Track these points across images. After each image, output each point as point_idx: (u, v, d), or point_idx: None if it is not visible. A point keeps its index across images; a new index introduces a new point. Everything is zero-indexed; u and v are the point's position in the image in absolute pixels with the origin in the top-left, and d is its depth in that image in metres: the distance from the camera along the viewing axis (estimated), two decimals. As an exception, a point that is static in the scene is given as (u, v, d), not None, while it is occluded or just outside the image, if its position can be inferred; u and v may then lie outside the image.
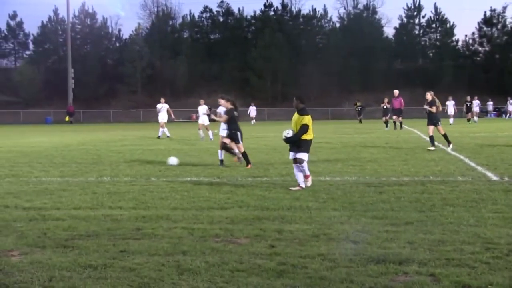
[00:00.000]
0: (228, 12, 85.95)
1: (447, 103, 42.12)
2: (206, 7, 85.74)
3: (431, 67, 77.76)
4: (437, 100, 18.25)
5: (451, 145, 17.75)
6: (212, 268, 5.55)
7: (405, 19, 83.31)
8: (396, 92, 33.00)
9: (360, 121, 48.56)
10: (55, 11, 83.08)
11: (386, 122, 34.67)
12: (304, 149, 10.47)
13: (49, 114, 67.60)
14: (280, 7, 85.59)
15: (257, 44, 76.82)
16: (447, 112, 42.26)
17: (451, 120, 40.47)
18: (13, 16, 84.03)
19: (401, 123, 32.82)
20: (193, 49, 79.66)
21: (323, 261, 5.75)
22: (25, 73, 73.92)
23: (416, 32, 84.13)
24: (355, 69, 74.61)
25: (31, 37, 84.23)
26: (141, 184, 11.27)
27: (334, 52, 75.80)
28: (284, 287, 5.06)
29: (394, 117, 33.16)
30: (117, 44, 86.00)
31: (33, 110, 69.36)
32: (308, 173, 10.51)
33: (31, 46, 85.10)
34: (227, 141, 14.19)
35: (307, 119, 10.41)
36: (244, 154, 13.97)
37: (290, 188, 10.32)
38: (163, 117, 28.24)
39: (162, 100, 29.03)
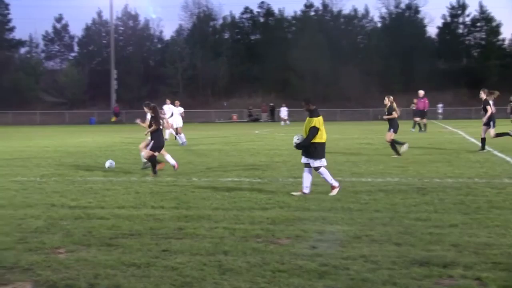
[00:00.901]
0: (268, 12, 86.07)
1: None
2: (246, 8, 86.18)
3: (476, 67, 76.01)
4: (395, 106, 17.31)
5: (397, 154, 16.63)
6: (254, 268, 5.57)
7: (448, 18, 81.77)
8: (421, 92, 31.40)
9: None
10: (99, 14, 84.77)
11: (414, 124, 32.33)
12: (315, 155, 9.67)
13: (93, 115, 68.99)
14: (320, 7, 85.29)
15: (297, 44, 76.59)
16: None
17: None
18: (59, 19, 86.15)
19: (425, 124, 31.20)
20: (234, 50, 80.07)
21: (365, 262, 5.71)
22: (70, 75, 75.68)
23: (460, 31, 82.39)
24: (397, 69, 73.55)
25: (76, 39, 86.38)
26: (182, 184, 11.39)
27: (375, 52, 74.99)
28: (325, 288, 5.04)
29: (417, 118, 31.44)
30: (159, 46, 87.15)
31: (78, 111, 71.00)
32: (331, 182, 9.79)
33: (76, 48, 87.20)
34: (149, 153, 13.24)
35: (316, 121, 9.62)
36: (151, 160, 13.01)
37: (292, 193, 9.89)
38: (175, 120, 24.75)
39: (168, 101, 26.35)
